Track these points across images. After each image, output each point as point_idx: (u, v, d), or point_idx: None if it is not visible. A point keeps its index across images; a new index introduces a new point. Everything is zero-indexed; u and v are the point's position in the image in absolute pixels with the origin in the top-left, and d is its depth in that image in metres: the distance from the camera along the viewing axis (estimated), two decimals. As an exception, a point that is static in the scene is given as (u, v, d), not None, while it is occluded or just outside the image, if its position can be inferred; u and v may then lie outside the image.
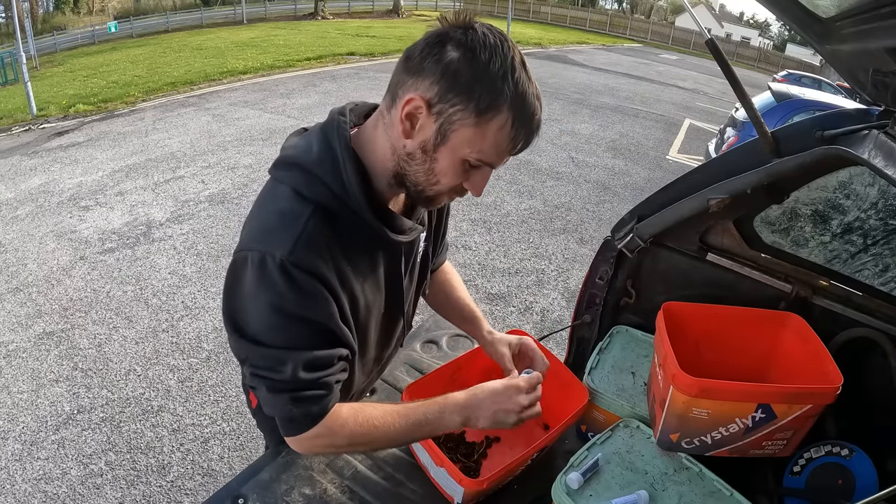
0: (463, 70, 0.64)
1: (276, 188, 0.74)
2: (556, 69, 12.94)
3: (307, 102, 7.61)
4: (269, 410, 0.75)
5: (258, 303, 0.69)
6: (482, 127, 0.65)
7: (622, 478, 0.87)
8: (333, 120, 0.74)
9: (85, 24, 21.60)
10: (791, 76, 12.63)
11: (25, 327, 2.80)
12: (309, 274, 0.68)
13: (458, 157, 0.68)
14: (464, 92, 0.64)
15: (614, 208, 4.73)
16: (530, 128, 0.68)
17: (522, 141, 0.68)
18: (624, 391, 1.07)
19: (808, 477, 0.94)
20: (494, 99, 0.64)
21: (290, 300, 0.69)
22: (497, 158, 0.69)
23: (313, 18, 21.53)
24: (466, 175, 0.71)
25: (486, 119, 0.65)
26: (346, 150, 0.71)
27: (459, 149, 0.67)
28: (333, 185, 0.70)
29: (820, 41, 0.88)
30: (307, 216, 0.69)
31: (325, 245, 0.70)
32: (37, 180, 4.73)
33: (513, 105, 0.65)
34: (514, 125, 0.66)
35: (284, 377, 0.71)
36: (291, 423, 0.75)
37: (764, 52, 30.68)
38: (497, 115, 0.65)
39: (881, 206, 1.05)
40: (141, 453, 2.09)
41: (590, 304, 1.32)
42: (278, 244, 0.67)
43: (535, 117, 0.68)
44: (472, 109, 0.64)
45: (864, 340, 1.02)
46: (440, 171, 0.70)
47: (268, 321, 0.70)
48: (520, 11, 29.15)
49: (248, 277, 0.69)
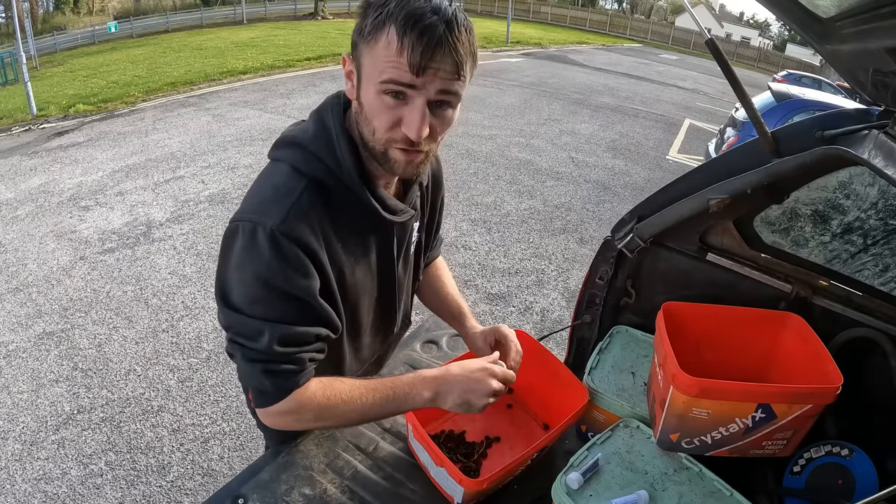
0: (361, 14, 0.68)
1: (274, 167, 0.77)
2: (556, 69, 12.95)
3: (307, 102, 7.61)
4: (243, 380, 0.78)
5: (244, 272, 0.71)
6: (375, 48, 0.65)
7: (622, 478, 0.87)
8: (328, 102, 0.78)
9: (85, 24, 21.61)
10: (791, 76, 12.64)
11: (25, 327, 2.80)
12: (297, 244, 0.70)
13: (373, 90, 0.67)
14: (359, 30, 0.67)
15: (614, 208, 4.74)
16: (420, 29, 0.63)
17: (416, 44, 0.63)
18: (624, 391, 1.07)
19: (808, 477, 0.94)
20: (379, 19, 0.65)
21: (276, 271, 0.70)
22: (399, 73, 0.64)
23: (313, 18, 21.52)
24: (394, 113, 0.67)
25: (375, 39, 0.65)
26: (339, 128, 0.74)
27: (369, 81, 0.67)
28: (328, 160, 0.73)
29: (820, 41, 0.88)
30: (301, 189, 0.72)
31: (317, 218, 0.73)
32: (37, 180, 4.73)
33: (395, 15, 0.64)
34: (400, 33, 0.63)
35: (260, 347, 0.72)
36: (262, 396, 0.76)
37: (764, 52, 30.70)
38: (382, 29, 0.65)
39: (881, 206, 1.05)
40: (141, 453, 2.09)
41: (590, 304, 1.32)
42: (270, 214, 0.70)
43: (426, 19, 0.63)
44: (364, 37, 0.67)
45: (864, 340, 1.02)
46: (370, 114, 0.69)
47: (251, 291, 0.71)
48: (520, 11, 29.16)
49: (238, 247, 0.71)
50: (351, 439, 1.02)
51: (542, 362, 1.07)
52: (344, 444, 1.00)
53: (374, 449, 1.00)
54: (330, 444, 1.00)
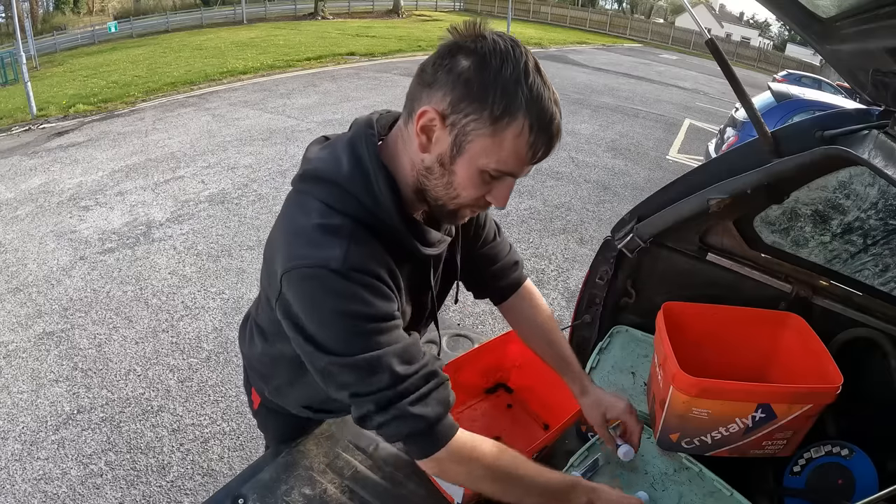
0: (474, 78, 0.62)
1: (304, 203, 0.71)
2: (556, 69, 12.94)
3: (307, 102, 7.61)
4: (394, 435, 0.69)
5: (324, 313, 0.67)
6: (498, 135, 0.63)
7: (622, 478, 0.87)
8: (361, 133, 0.71)
9: (85, 25, 21.64)
10: (791, 76, 12.64)
11: (25, 327, 2.80)
12: (367, 274, 0.67)
13: (477, 168, 0.65)
14: (476, 100, 0.62)
15: (614, 208, 4.73)
16: (549, 133, 0.64)
17: (543, 147, 0.65)
18: (624, 391, 1.07)
19: (808, 477, 0.94)
20: (509, 105, 0.61)
21: (359, 302, 0.66)
22: (517, 167, 0.66)
23: (313, 18, 21.53)
24: (488, 187, 0.68)
25: (502, 126, 0.62)
26: (377, 165, 0.69)
27: (477, 159, 0.65)
28: (365, 200, 0.68)
29: (820, 41, 0.88)
30: (348, 227, 0.68)
31: (371, 251, 0.69)
32: (37, 180, 4.73)
33: (529, 110, 0.62)
34: (531, 131, 0.63)
35: (383, 384, 0.67)
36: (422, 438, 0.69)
37: (764, 52, 30.69)
38: (513, 121, 0.62)
39: (881, 206, 1.06)
40: (141, 453, 2.08)
41: (590, 304, 1.32)
42: (329, 257, 0.65)
43: (555, 122, 0.64)
44: (486, 118, 0.62)
45: (864, 340, 1.02)
46: (459, 183, 0.67)
47: (344, 327, 0.67)
48: (520, 11, 29.17)
49: (308, 296, 0.67)
50: (351, 439, 1.02)
51: (543, 362, 1.07)
52: (344, 444, 1.01)
53: (374, 449, 1.00)
54: (330, 444, 1.00)
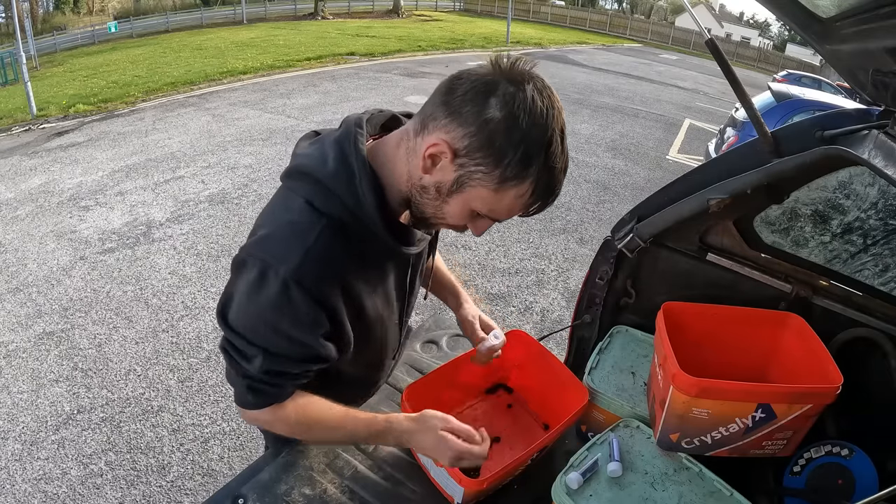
0: (498, 133, 0.61)
1: (288, 198, 0.72)
2: (556, 69, 12.93)
3: (307, 102, 7.61)
4: (228, 380, 0.79)
5: (250, 306, 0.71)
6: (500, 192, 0.66)
7: (622, 478, 0.87)
8: (350, 132, 0.71)
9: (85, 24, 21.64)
10: (791, 76, 12.64)
11: (25, 327, 2.80)
12: (308, 294, 0.68)
13: (469, 207, 0.69)
14: (493, 156, 0.63)
15: (614, 208, 4.73)
16: (546, 200, 0.68)
17: (537, 209, 0.69)
18: (624, 391, 1.07)
19: (808, 477, 0.94)
20: (522, 171, 0.63)
21: (283, 316, 0.70)
22: (506, 217, 0.70)
23: (313, 18, 21.53)
24: (472, 221, 0.72)
25: (507, 186, 0.65)
26: (362, 165, 0.69)
27: (472, 202, 0.68)
28: (348, 200, 0.69)
29: (820, 41, 0.88)
30: (318, 230, 0.68)
31: (334, 261, 0.70)
32: (37, 180, 4.73)
33: (538, 178, 0.64)
34: (532, 195, 0.66)
35: (250, 369, 0.73)
36: (242, 400, 0.79)
37: (764, 52, 30.67)
38: (519, 184, 0.64)
39: (881, 206, 1.06)
40: (141, 453, 2.09)
41: (590, 304, 1.32)
42: (285, 259, 0.67)
43: (556, 192, 0.68)
44: (496, 175, 0.64)
45: (864, 340, 1.02)
46: (448, 212, 0.70)
47: (253, 324, 0.72)
48: (520, 11, 29.14)
49: (248, 280, 0.70)
50: (351, 439, 1.02)
51: (543, 362, 1.07)
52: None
53: (374, 449, 1.00)
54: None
